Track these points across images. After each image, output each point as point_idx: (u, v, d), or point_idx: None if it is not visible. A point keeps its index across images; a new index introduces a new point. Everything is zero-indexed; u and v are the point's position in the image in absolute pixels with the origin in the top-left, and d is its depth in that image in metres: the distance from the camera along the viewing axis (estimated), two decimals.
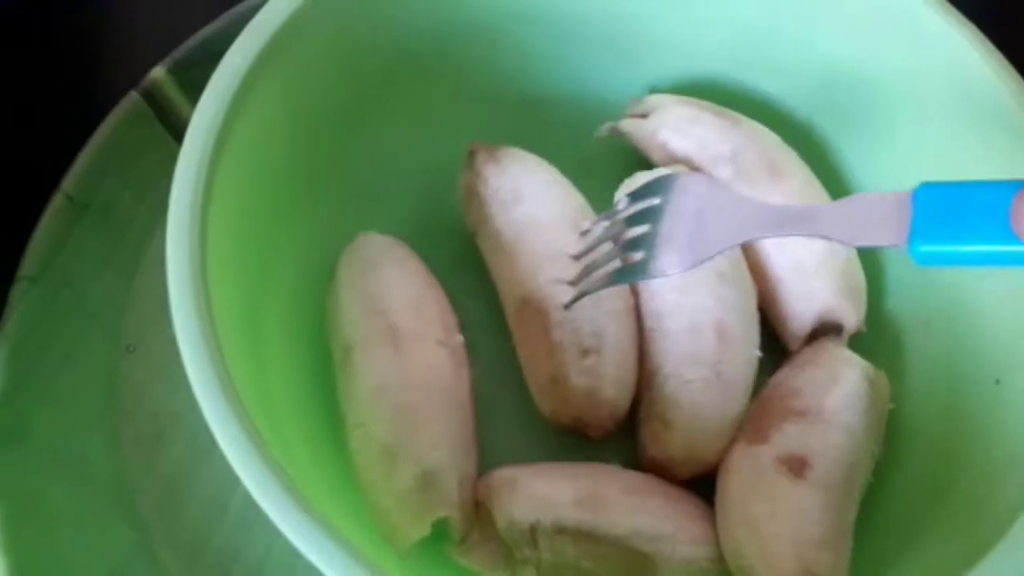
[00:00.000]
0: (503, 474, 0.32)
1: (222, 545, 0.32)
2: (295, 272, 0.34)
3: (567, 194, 0.36)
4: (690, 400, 0.32)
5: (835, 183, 0.37)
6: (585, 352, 0.32)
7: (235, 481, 0.32)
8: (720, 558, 0.30)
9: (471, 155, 0.36)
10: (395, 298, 0.33)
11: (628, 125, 0.38)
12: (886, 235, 0.26)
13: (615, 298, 0.33)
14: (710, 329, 0.33)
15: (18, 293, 0.34)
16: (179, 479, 0.33)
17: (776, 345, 0.36)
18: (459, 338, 0.33)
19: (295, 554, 0.25)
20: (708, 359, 0.32)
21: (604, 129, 0.38)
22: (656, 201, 0.30)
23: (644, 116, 0.38)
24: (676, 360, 0.33)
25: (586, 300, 0.32)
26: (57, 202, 0.35)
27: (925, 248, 0.25)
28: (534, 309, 0.33)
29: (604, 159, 0.39)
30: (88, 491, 0.32)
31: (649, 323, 0.34)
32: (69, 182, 0.35)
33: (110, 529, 0.31)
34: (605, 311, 0.33)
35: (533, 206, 0.35)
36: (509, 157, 0.36)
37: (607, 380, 0.32)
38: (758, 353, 0.33)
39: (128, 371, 0.34)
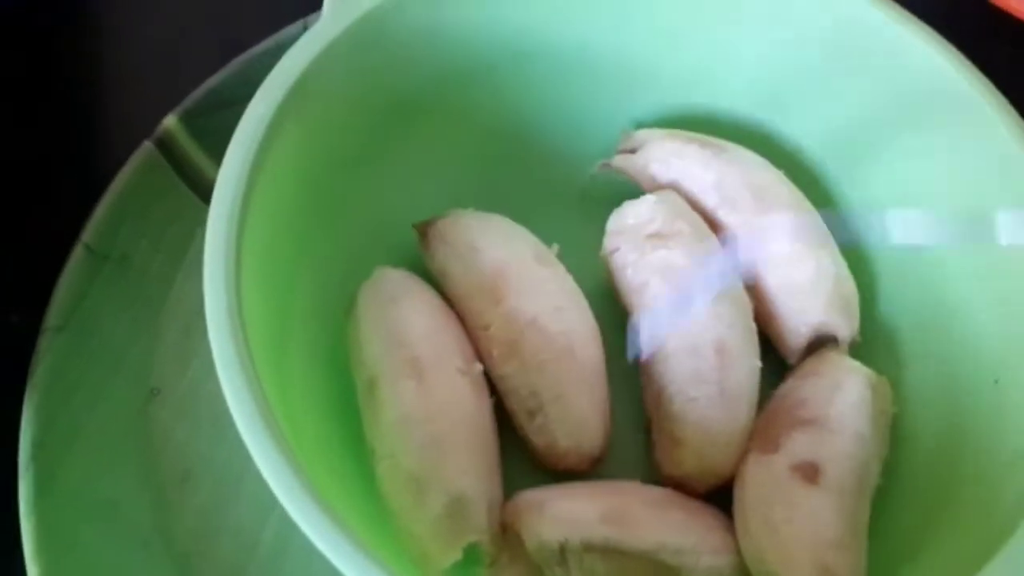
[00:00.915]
0: (529, 496, 0.33)
1: None
2: (313, 307, 0.35)
3: (489, 260, 0.35)
4: (697, 417, 0.33)
5: (828, 205, 0.39)
6: (531, 414, 0.34)
7: (266, 515, 0.33)
8: (742, 567, 0.32)
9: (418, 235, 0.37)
10: (415, 330, 0.34)
11: (619, 161, 0.40)
12: None
13: (539, 351, 0.34)
14: (709, 347, 0.34)
15: (45, 343, 0.34)
16: (210, 517, 0.33)
17: (778, 356, 0.37)
18: (478, 366, 0.34)
19: None
20: (710, 376, 0.33)
21: (598, 167, 0.40)
22: None
23: (634, 151, 0.40)
24: (679, 380, 0.34)
25: (515, 366, 0.34)
26: (78, 254, 0.36)
27: None
28: (490, 382, 0.35)
29: (601, 188, 0.40)
30: (123, 536, 0.32)
31: None
32: (88, 234, 0.36)
33: (147, 574, 0.32)
34: (532, 368, 0.34)
35: (457, 284, 0.36)
36: (438, 236, 0.36)
37: (558, 434, 0.33)
38: (758, 364, 0.35)
39: (154, 414, 0.35)
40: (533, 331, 0.34)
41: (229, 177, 0.29)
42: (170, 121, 0.38)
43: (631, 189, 0.40)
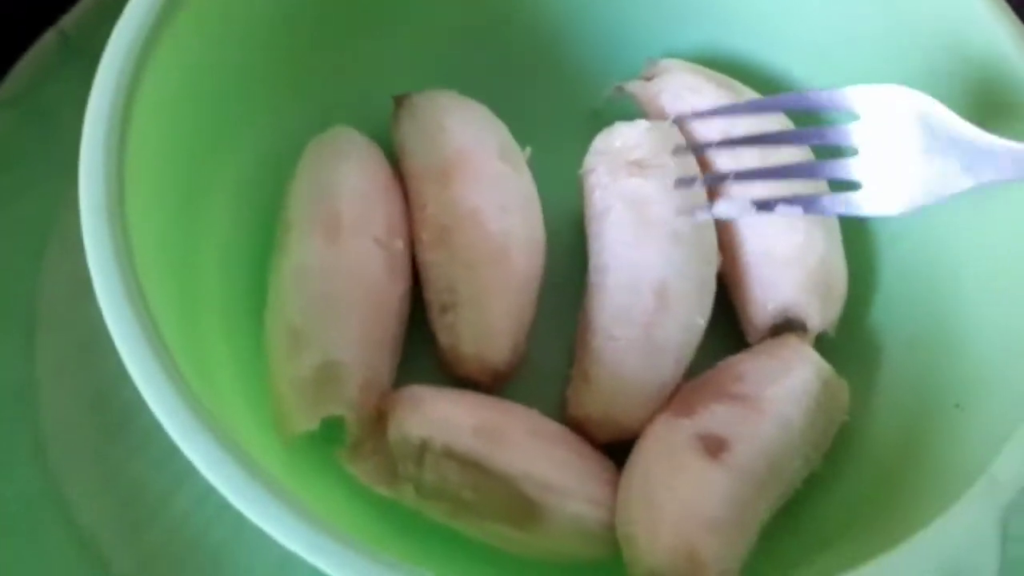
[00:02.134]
0: (412, 390, 0.30)
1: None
2: (254, 173, 0.33)
3: (451, 142, 0.33)
4: (613, 359, 0.30)
5: None
6: (444, 309, 0.31)
7: None
8: (610, 525, 0.28)
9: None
10: (346, 188, 0.32)
11: (633, 86, 0.37)
12: None
13: (471, 245, 0.31)
14: (648, 288, 0.31)
15: None
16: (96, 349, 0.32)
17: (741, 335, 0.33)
18: (399, 243, 0.32)
19: None
20: (640, 319, 0.30)
21: (611, 89, 0.37)
22: (856, 120, 0.27)
23: (651, 79, 0.36)
24: (607, 316, 0.31)
25: (442, 254, 0.31)
26: (49, 37, 0.35)
27: None
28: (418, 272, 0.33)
29: (615, 112, 0.37)
30: (5, 298, 0.32)
31: (594, 278, 0.32)
32: (68, 21, 0.35)
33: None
34: (459, 261, 0.31)
35: (413, 161, 0.34)
36: (410, 109, 0.34)
37: (464, 336, 0.31)
38: (701, 322, 0.31)
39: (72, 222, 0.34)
40: (470, 223, 0.31)
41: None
42: None
43: (643, 117, 0.36)
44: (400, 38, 0.36)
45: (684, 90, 0.35)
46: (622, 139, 0.34)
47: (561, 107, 0.38)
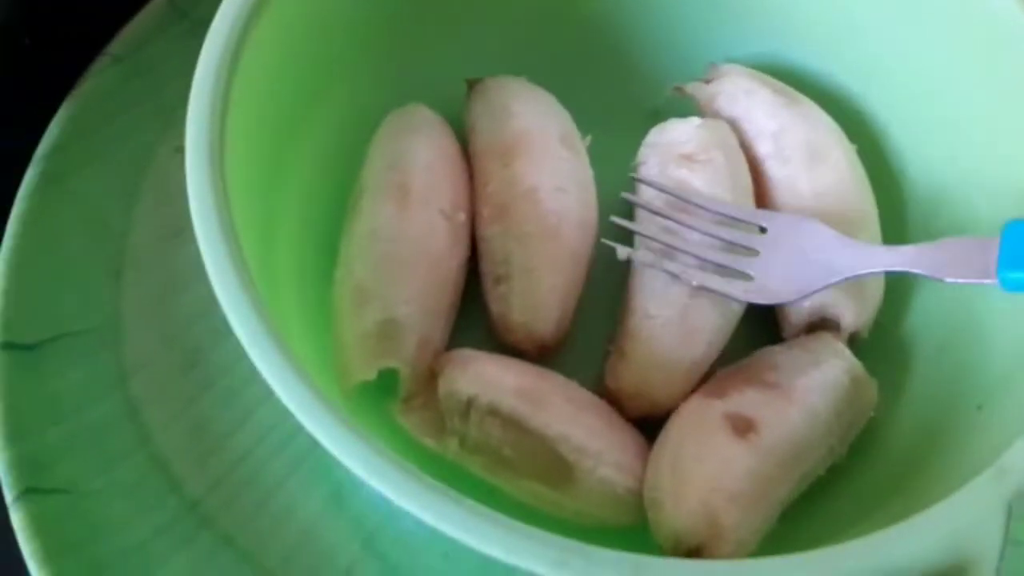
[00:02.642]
0: (463, 351, 0.32)
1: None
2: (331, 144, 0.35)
3: (516, 125, 0.35)
4: (649, 335, 0.32)
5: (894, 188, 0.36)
6: (498, 280, 0.33)
7: None
8: (637, 493, 0.30)
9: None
10: (417, 161, 0.34)
11: (692, 87, 0.39)
12: (971, 272, 0.29)
13: (526, 221, 0.33)
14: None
15: (99, 65, 0.37)
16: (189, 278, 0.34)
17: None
18: (462, 216, 0.34)
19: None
20: (678, 300, 0.32)
21: (671, 89, 0.39)
22: (762, 225, 0.33)
23: (710, 82, 0.38)
24: (646, 295, 0.33)
25: (500, 229, 0.33)
26: (159, 1, 0.38)
27: (1011, 275, 0.28)
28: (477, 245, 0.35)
29: (673, 111, 0.39)
30: (97, 252, 0.35)
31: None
32: None
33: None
34: (514, 236, 0.33)
35: (479, 140, 0.36)
36: (481, 91, 0.37)
37: (514, 306, 0.33)
38: (738, 308, 0.33)
39: (175, 168, 0.36)
40: (527, 201, 0.34)
41: None
42: None
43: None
44: (478, 27, 0.39)
45: (740, 93, 0.37)
46: (674, 133, 0.36)
47: (623, 102, 0.40)
